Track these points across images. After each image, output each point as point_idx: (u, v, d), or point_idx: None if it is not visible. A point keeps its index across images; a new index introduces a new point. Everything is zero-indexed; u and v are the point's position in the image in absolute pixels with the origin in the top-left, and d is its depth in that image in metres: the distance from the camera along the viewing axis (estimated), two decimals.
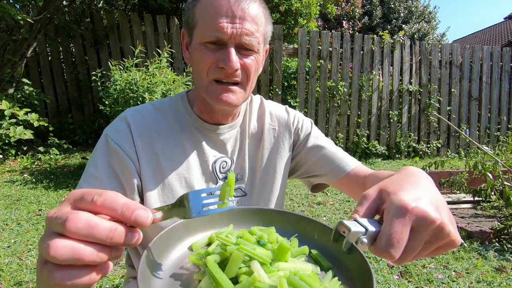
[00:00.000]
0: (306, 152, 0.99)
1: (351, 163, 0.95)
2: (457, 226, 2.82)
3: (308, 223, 0.58)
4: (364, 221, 0.45)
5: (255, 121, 0.97)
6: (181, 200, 0.46)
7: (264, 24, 0.80)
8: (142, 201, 0.81)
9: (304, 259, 0.53)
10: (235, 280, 0.44)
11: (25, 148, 4.68)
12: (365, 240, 0.44)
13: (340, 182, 0.95)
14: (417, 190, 0.48)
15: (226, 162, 0.90)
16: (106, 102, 3.49)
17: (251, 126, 0.95)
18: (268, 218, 0.61)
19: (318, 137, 1.00)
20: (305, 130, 1.00)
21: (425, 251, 0.47)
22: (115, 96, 3.36)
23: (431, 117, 6.12)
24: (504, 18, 21.01)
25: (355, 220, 0.46)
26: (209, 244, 0.55)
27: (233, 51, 0.74)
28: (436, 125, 6.18)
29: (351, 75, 5.79)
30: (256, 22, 0.76)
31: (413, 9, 17.36)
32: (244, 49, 0.77)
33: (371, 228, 0.44)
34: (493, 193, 3.29)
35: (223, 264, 0.47)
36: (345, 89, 5.70)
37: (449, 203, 4.28)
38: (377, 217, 0.49)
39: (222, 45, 0.75)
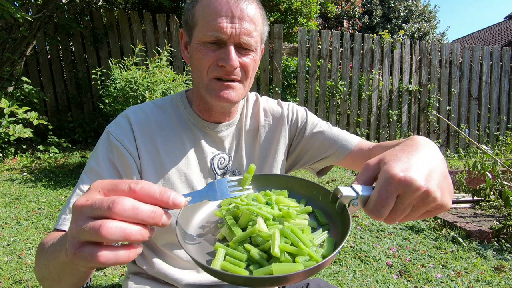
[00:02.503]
0: (306, 140, 1.01)
1: (353, 140, 0.98)
2: (457, 225, 2.84)
3: (315, 187, 0.68)
4: (359, 187, 0.53)
5: (250, 118, 1.00)
6: (209, 186, 0.58)
7: (261, 24, 0.83)
8: None
9: (306, 216, 0.65)
10: (245, 230, 0.59)
11: (24, 147, 4.67)
12: (356, 203, 0.52)
13: (345, 160, 0.97)
14: (411, 159, 0.52)
15: (224, 159, 0.93)
16: (106, 101, 3.48)
17: (247, 123, 0.98)
18: (283, 182, 0.73)
19: (315, 123, 1.03)
20: (301, 119, 1.03)
21: (415, 214, 0.52)
22: (115, 94, 3.36)
23: (430, 117, 6.13)
24: (504, 18, 21.02)
25: (351, 186, 0.53)
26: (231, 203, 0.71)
27: (232, 49, 0.77)
28: (436, 125, 6.19)
29: (351, 74, 5.79)
30: (254, 22, 0.79)
31: (413, 8, 17.35)
32: (242, 49, 0.80)
33: (363, 193, 0.52)
34: (492, 192, 3.30)
35: (238, 218, 0.62)
36: (345, 88, 5.70)
37: None
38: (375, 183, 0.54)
39: (221, 44, 0.77)
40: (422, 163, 0.52)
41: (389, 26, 16.25)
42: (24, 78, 4.41)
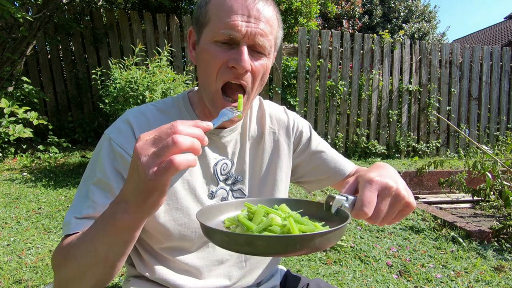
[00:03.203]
0: (307, 157, 1.01)
1: (348, 168, 1.02)
2: (457, 225, 2.85)
3: (308, 203, 0.75)
4: (346, 194, 0.64)
5: (255, 123, 0.97)
6: (222, 113, 0.69)
7: (277, 28, 0.80)
8: None
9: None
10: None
11: (24, 147, 4.67)
12: (346, 204, 0.62)
13: (337, 184, 1.02)
14: (380, 171, 0.66)
15: (227, 164, 0.90)
16: (106, 101, 3.48)
17: (251, 128, 0.95)
18: (276, 203, 0.76)
19: (318, 142, 1.03)
20: (305, 135, 1.02)
21: (391, 213, 0.63)
22: (115, 94, 3.35)
23: (430, 117, 6.13)
24: (504, 18, 21.02)
25: (339, 194, 0.64)
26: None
27: (245, 50, 0.73)
28: (436, 125, 6.19)
29: (351, 74, 5.79)
30: (270, 25, 0.76)
31: (413, 8, 17.34)
32: (255, 52, 0.76)
33: (351, 197, 0.63)
34: (492, 192, 3.30)
35: (250, 220, 0.65)
36: (345, 89, 5.70)
37: (448, 202, 4.29)
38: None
39: (234, 44, 0.74)
40: (388, 174, 0.66)
41: (389, 26, 16.24)
42: (24, 78, 4.41)
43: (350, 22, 13.88)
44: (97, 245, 0.62)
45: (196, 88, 0.95)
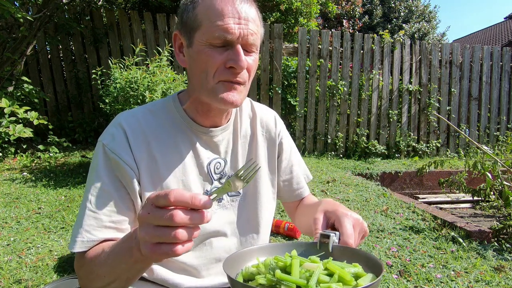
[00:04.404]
0: (281, 168, 1.05)
1: (305, 193, 1.09)
2: (457, 225, 2.85)
3: (298, 245, 0.72)
4: (329, 231, 0.70)
5: (247, 123, 0.99)
6: (227, 183, 0.64)
7: (261, 26, 0.84)
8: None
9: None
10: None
11: (24, 146, 4.67)
12: (336, 240, 0.68)
13: (289, 203, 1.11)
14: (342, 206, 0.78)
15: (220, 163, 0.92)
16: (106, 101, 3.48)
17: (242, 128, 0.98)
18: (273, 250, 0.72)
19: (297, 159, 1.09)
20: (286, 147, 1.06)
21: (359, 239, 0.74)
22: (115, 94, 3.36)
23: (430, 117, 6.13)
24: (504, 18, 21.01)
25: (324, 231, 0.70)
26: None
27: (241, 50, 0.76)
28: (436, 125, 6.19)
29: (351, 74, 5.79)
30: (257, 24, 0.80)
31: (413, 8, 17.33)
32: (247, 50, 0.79)
33: (337, 232, 0.70)
34: (492, 192, 3.30)
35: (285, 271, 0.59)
36: (345, 88, 5.70)
37: (448, 202, 4.29)
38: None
39: (228, 46, 0.77)
40: (348, 208, 0.77)
41: (389, 26, 16.23)
42: (24, 78, 4.41)
43: (350, 22, 13.88)
44: (118, 270, 0.69)
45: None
